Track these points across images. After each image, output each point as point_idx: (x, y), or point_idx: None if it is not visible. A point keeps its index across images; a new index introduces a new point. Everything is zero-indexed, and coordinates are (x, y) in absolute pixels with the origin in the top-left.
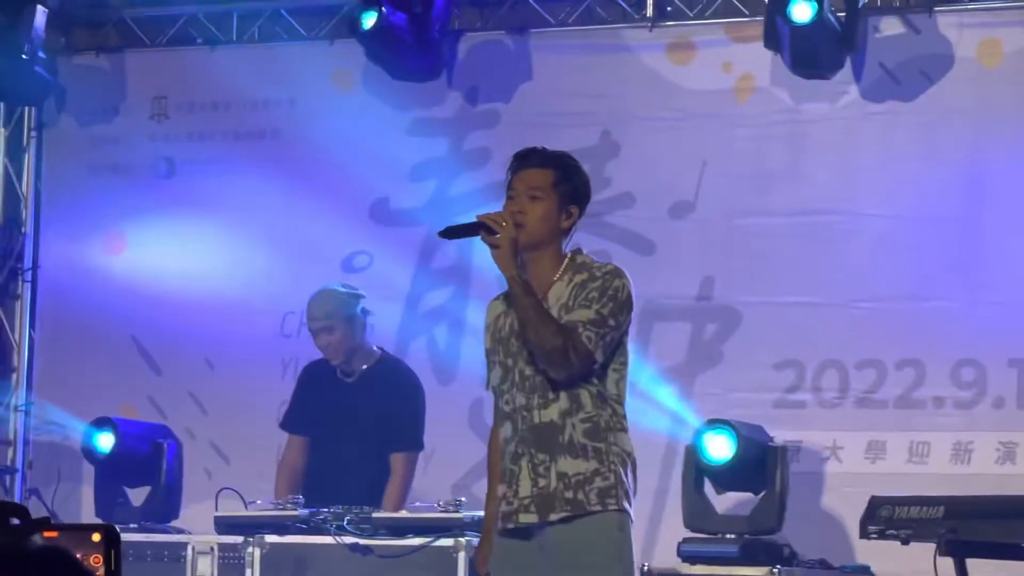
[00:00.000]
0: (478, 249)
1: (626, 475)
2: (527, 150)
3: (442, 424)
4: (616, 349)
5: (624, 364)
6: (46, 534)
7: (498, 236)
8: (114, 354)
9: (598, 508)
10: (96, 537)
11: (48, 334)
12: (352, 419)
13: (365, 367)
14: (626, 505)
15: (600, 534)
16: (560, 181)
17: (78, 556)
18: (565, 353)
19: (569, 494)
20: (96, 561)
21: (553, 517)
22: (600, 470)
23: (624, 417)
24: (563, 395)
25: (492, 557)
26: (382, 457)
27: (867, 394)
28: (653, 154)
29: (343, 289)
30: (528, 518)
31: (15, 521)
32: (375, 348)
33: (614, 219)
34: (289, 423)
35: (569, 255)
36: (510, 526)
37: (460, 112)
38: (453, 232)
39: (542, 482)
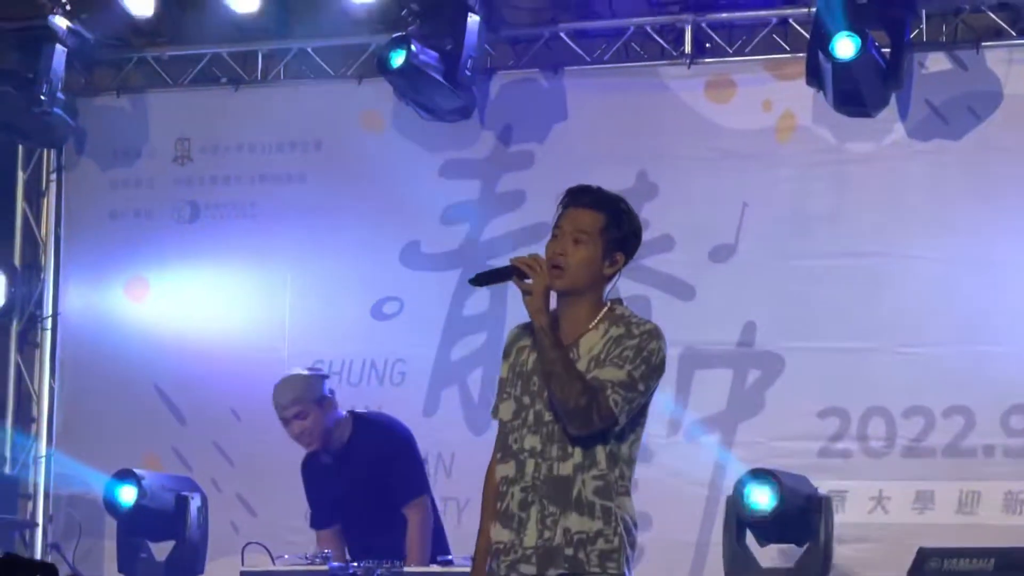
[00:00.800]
0: (512, 295)
1: (629, 540)
2: (580, 187)
3: (476, 474)
4: (639, 413)
5: (642, 427)
6: None
7: (531, 282)
8: (137, 404)
9: (597, 570)
10: None
11: (69, 383)
12: (355, 497)
13: (344, 441)
14: (626, 571)
15: None
16: (609, 227)
17: None
18: (588, 413)
19: (570, 551)
20: None
21: (552, 573)
22: (604, 531)
23: (631, 481)
24: (579, 449)
25: None
26: (396, 513)
27: (914, 442)
28: (692, 195)
29: (306, 372)
30: (528, 569)
31: None
32: (345, 415)
33: (652, 263)
34: (316, 521)
35: (608, 304)
36: (508, 574)
37: (493, 153)
38: (484, 278)
39: (547, 534)
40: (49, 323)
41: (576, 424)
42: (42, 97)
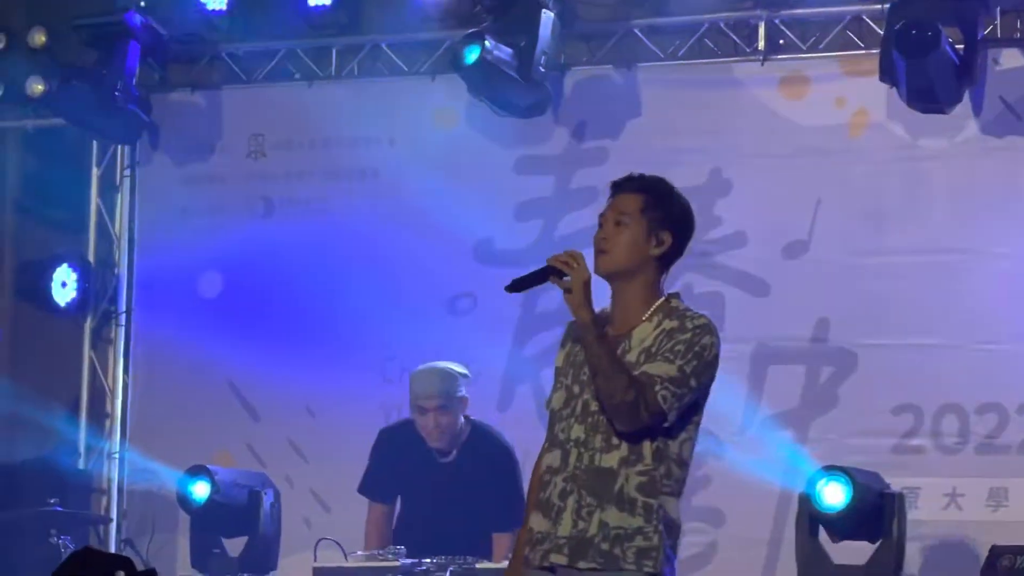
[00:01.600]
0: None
1: (669, 541)
2: (624, 177)
3: None
4: (691, 410)
5: (696, 427)
6: None
7: (568, 279)
8: (210, 400)
9: (632, 568)
10: None
11: (142, 379)
12: (452, 500)
13: (460, 444)
14: (665, 571)
15: None
16: (650, 206)
17: None
18: (635, 409)
19: (606, 546)
20: None
21: (583, 565)
22: (644, 529)
23: (681, 482)
24: (625, 443)
25: None
26: (484, 535)
27: (988, 439)
28: (765, 192)
29: (456, 369)
30: (559, 559)
31: (120, 573)
32: (463, 419)
33: (726, 259)
34: (369, 489)
35: (665, 296)
36: (541, 563)
37: (567, 149)
38: (521, 283)
39: (582, 525)
40: (123, 319)
41: (623, 420)
42: (117, 93)
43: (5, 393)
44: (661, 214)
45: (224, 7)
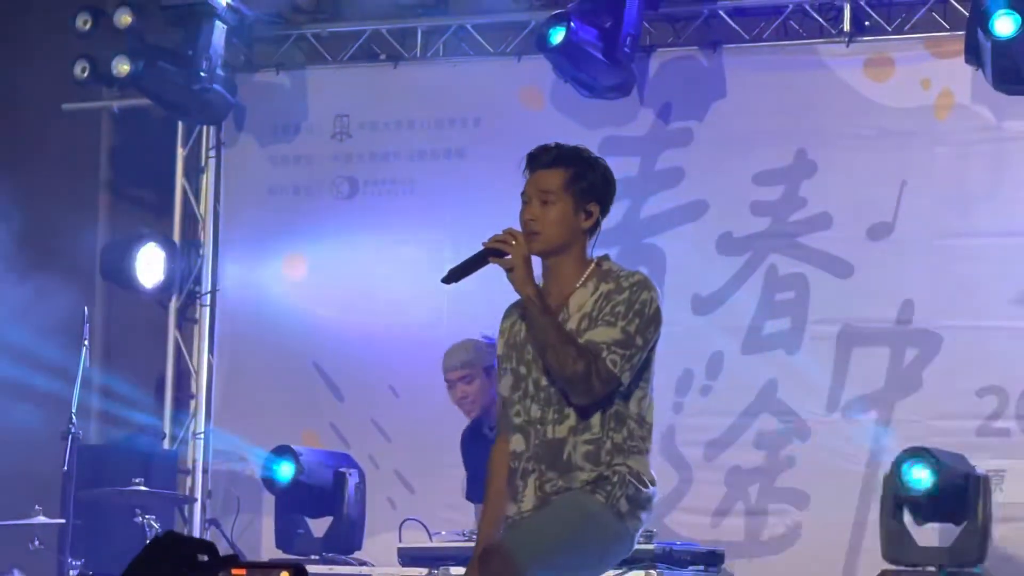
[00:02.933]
0: (671, 269)
1: (629, 492)
2: (537, 149)
3: None
4: (643, 368)
5: (648, 382)
6: (234, 571)
7: (509, 258)
8: (295, 380)
9: (588, 489)
10: (284, 575)
11: (227, 359)
12: None
13: None
14: (621, 506)
15: (572, 500)
16: (573, 180)
17: None
18: (587, 378)
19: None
20: None
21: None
22: (597, 481)
23: (645, 439)
24: (573, 412)
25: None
26: None
27: None
28: (850, 173)
29: (483, 339)
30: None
31: (203, 558)
32: None
33: (810, 240)
34: (475, 494)
35: (595, 261)
36: None
37: (652, 130)
38: (459, 273)
39: (545, 499)
40: (208, 299)
41: (578, 392)
42: (202, 74)
43: (91, 373)
44: (585, 186)
45: None
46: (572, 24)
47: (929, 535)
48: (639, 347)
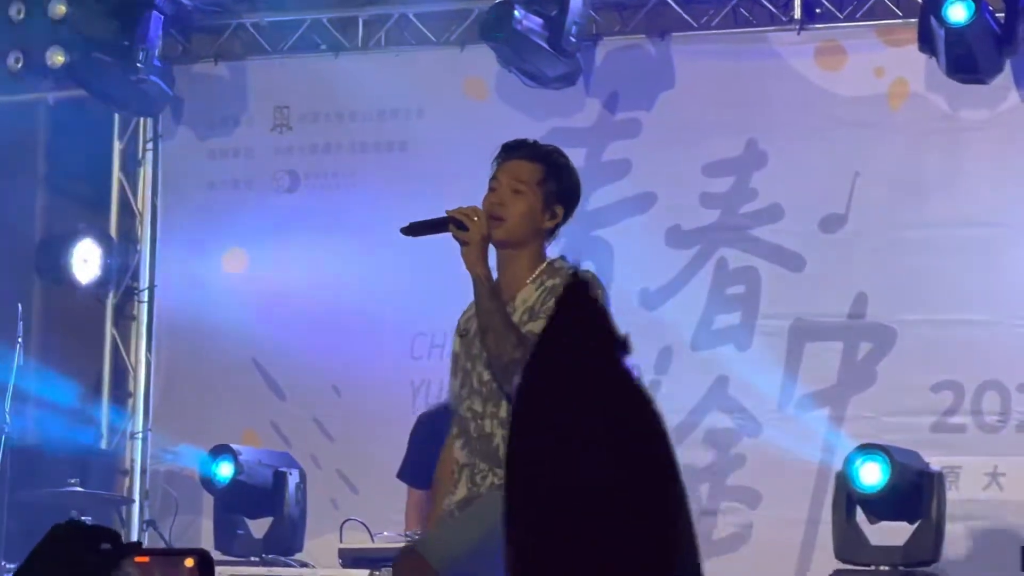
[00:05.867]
0: (619, 262)
1: None
2: (516, 141)
3: None
4: None
5: None
6: (137, 559)
7: (468, 232)
8: (235, 378)
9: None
10: (189, 563)
11: (165, 357)
12: None
13: None
14: None
15: (497, 502)
16: (548, 178)
17: None
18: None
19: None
20: None
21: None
22: None
23: None
24: (504, 404)
25: None
26: None
27: None
28: (802, 164)
29: None
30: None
31: (106, 546)
32: None
33: (761, 233)
34: (409, 475)
35: (548, 261)
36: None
37: (599, 121)
38: (418, 228)
39: (474, 489)
40: (146, 295)
41: (510, 381)
42: (138, 65)
43: (25, 372)
44: (558, 188)
45: None
46: (516, 13)
47: (883, 534)
48: None
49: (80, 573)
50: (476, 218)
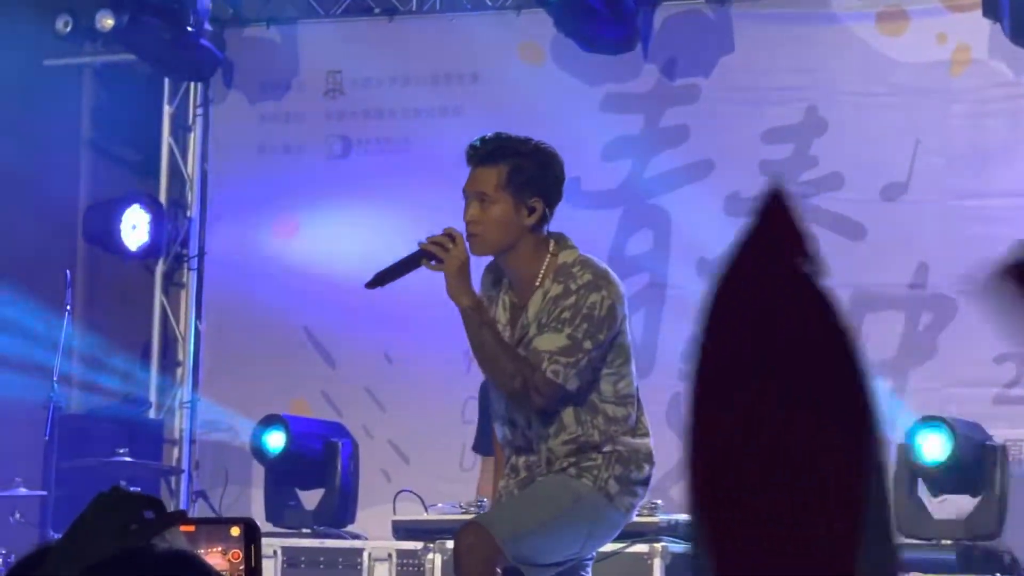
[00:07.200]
0: (676, 231)
1: (618, 472)
2: (476, 142)
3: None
4: (606, 358)
5: (625, 363)
6: (183, 528)
7: (444, 263)
8: (285, 347)
9: (573, 474)
10: (235, 531)
11: (215, 325)
12: None
13: None
14: (611, 488)
15: (560, 482)
16: (510, 177)
17: (218, 550)
18: (525, 394)
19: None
20: (235, 557)
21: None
22: (582, 465)
23: (627, 419)
24: (540, 417)
25: None
26: None
27: None
28: (863, 132)
29: None
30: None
31: (149, 514)
32: None
33: (821, 201)
34: (483, 446)
35: (551, 247)
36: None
37: (657, 87)
38: (386, 276)
39: (532, 474)
40: (195, 263)
41: (521, 403)
42: (189, 28)
43: (73, 339)
44: (523, 180)
45: None
46: None
47: (945, 507)
48: (587, 351)
49: (124, 542)
50: (451, 245)
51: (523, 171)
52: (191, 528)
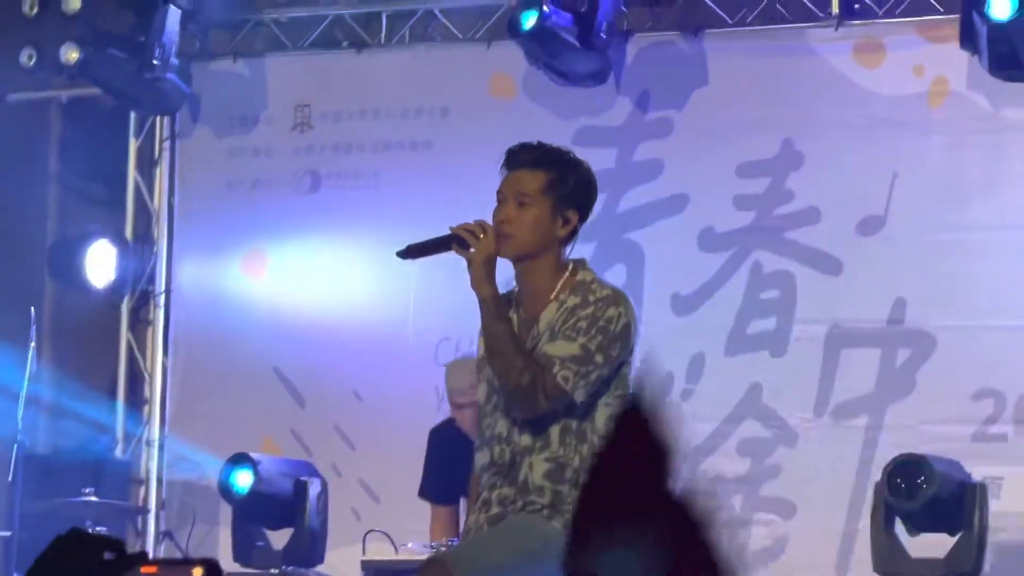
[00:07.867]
0: (650, 268)
1: None
2: (517, 147)
3: None
4: (610, 383)
5: (623, 396)
6: (143, 570)
7: (473, 251)
8: (254, 385)
9: (545, 515)
10: (197, 572)
11: (182, 362)
12: None
13: None
14: None
15: (528, 523)
16: (554, 184)
17: None
18: (532, 394)
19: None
20: None
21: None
22: (555, 505)
23: None
24: (529, 428)
25: None
26: None
27: None
28: (839, 165)
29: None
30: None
31: (109, 556)
32: None
33: (797, 236)
34: (430, 493)
35: (570, 268)
36: None
37: (630, 120)
38: (418, 250)
39: (504, 511)
40: (162, 299)
41: (520, 406)
42: (155, 62)
43: (38, 377)
44: (566, 191)
45: None
46: (545, 8)
47: (923, 546)
48: (598, 364)
49: None
50: (482, 235)
51: (566, 182)
52: (152, 569)
